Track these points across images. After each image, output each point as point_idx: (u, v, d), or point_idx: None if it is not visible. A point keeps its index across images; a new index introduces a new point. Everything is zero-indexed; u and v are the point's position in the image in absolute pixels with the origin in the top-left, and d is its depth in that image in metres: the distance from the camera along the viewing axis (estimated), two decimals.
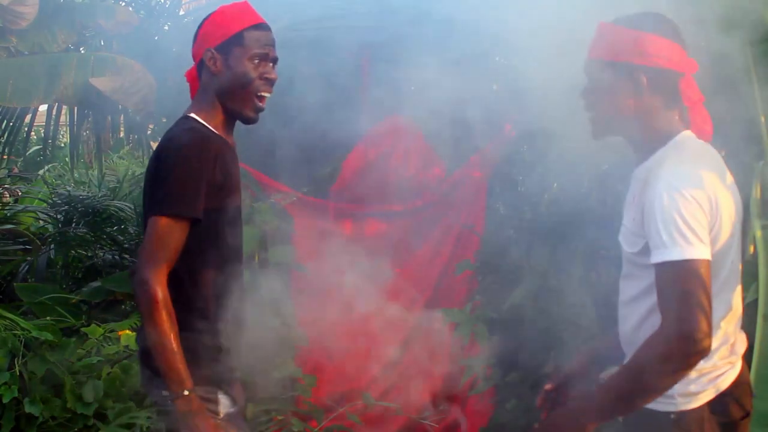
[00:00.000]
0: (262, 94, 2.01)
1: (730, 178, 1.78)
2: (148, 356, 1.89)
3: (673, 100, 1.77)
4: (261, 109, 2.03)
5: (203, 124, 1.99)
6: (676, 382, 1.59)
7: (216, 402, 1.96)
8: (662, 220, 1.61)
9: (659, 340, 1.57)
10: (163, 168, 1.89)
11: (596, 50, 1.81)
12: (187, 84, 2.13)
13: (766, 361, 1.80)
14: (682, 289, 1.56)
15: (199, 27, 2.07)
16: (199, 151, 1.89)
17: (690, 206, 1.60)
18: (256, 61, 1.99)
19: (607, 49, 1.78)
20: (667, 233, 1.59)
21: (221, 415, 1.96)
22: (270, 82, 2.02)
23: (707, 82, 2.72)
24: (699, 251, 1.58)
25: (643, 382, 1.59)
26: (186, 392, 1.82)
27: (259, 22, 2.02)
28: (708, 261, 1.59)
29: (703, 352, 1.54)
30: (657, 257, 1.62)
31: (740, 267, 1.82)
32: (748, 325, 1.97)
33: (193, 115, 2.01)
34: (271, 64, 2.02)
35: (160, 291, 1.82)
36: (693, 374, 1.65)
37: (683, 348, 1.53)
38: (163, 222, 1.85)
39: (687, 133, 1.78)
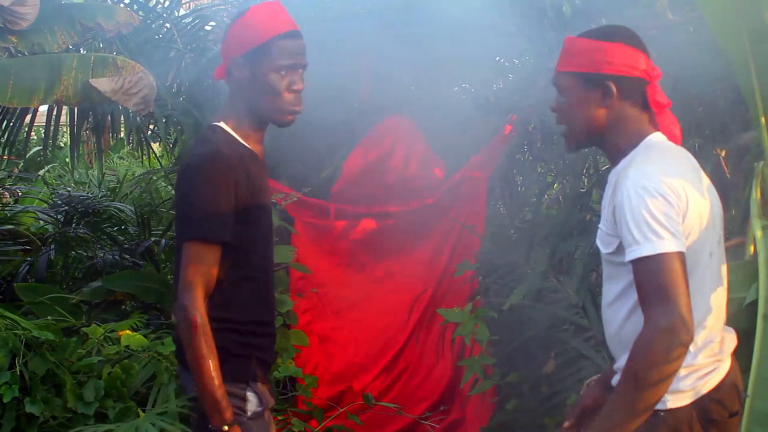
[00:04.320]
0: (291, 105, 1.96)
1: (706, 179, 1.83)
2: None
3: (642, 106, 1.84)
4: (297, 113, 1.99)
5: (231, 135, 1.96)
6: (672, 375, 1.62)
7: (244, 399, 1.97)
8: (632, 218, 1.66)
9: (644, 338, 1.62)
10: (191, 191, 1.89)
11: (565, 63, 1.88)
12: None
13: (766, 361, 1.81)
14: (658, 283, 1.61)
15: (229, 26, 1.99)
16: (225, 172, 1.88)
17: (657, 202, 1.65)
18: (283, 73, 1.93)
19: (576, 61, 1.85)
20: (638, 230, 1.65)
21: (248, 414, 1.97)
22: (298, 94, 1.96)
23: (708, 82, 2.73)
24: (671, 244, 1.63)
25: (640, 383, 1.62)
26: (226, 428, 1.84)
27: (289, 29, 1.94)
28: (681, 253, 1.64)
29: (687, 342, 1.59)
30: (631, 255, 1.67)
31: (725, 267, 1.85)
32: (748, 325, 1.97)
33: (221, 124, 1.97)
34: (300, 72, 1.96)
35: (199, 317, 1.83)
36: (682, 372, 1.68)
37: (667, 340, 1.58)
38: (195, 247, 1.87)
39: (657, 135, 1.84)
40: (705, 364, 1.75)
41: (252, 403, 1.98)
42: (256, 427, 1.98)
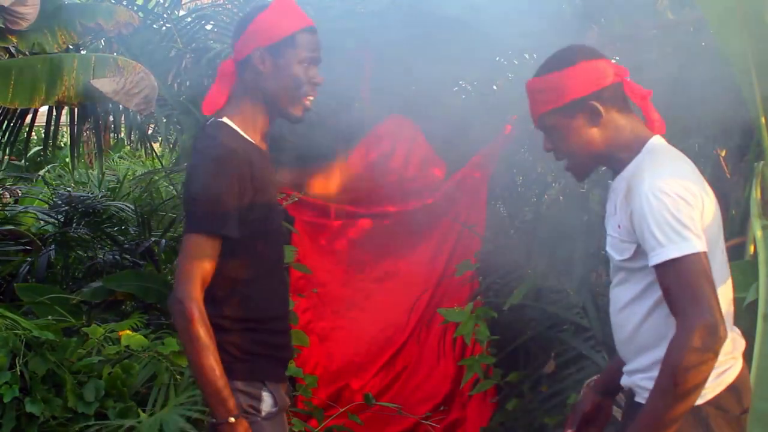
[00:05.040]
0: (309, 98, 2.01)
1: (704, 180, 1.83)
2: None
3: (626, 108, 1.84)
4: (308, 109, 2.03)
5: (236, 131, 1.96)
6: (709, 374, 1.63)
7: (259, 399, 1.96)
8: (654, 222, 1.66)
9: (681, 339, 1.62)
10: (194, 185, 1.89)
11: (541, 105, 1.86)
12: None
13: (766, 361, 1.81)
14: (689, 284, 1.62)
15: (247, 22, 2.00)
16: (229, 166, 1.88)
17: (677, 203, 1.66)
18: (305, 65, 1.97)
19: (551, 98, 1.84)
20: (661, 233, 1.65)
21: (263, 414, 1.96)
22: (316, 87, 2.01)
23: (708, 82, 2.73)
24: (695, 245, 1.64)
25: (680, 384, 1.62)
26: (232, 419, 1.82)
27: (310, 25, 2.00)
28: (705, 253, 1.65)
29: (722, 338, 1.61)
30: (656, 258, 1.66)
31: (727, 263, 1.86)
32: (748, 324, 1.98)
33: (226, 119, 1.97)
34: (316, 68, 2.02)
35: (196, 308, 1.82)
36: None
37: (704, 339, 1.59)
38: (195, 240, 1.86)
39: (657, 139, 1.84)
40: (722, 362, 1.75)
41: (267, 404, 1.96)
42: (271, 428, 1.97)
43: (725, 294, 1.80)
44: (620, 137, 1.83)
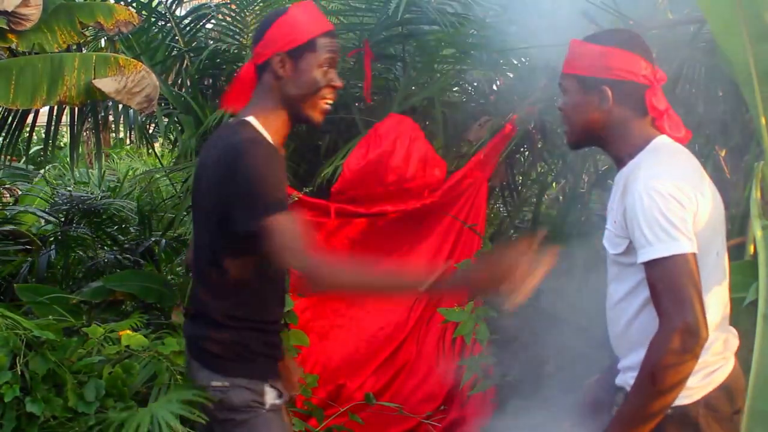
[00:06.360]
0: (328, 101, 2.01)
1: (708, 179, 1.85)
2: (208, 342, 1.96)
3: (641, 110, 1.86)
4: (327, 112, 2.03)
5: (260, 131, 1.96)
6: (688, 375, 1.65)
7: (262, 394, 1.99)
8: (645, 220, 1.68)
9: (661, 338, 1.64)
10: (251, 179, 1.85)
11: (568, 66, 1.91)
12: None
13: (766, 361, 1.82)
14: (673, 284, 1.63)
15: (267, 26, 2.00)
16: (274, 159, 1.89)
17: (669, 204, 1.67)
18: (325, 68, 1.98)
19: (577, 64, 1.89)
20: (651, 232, 1.67)
21: (267, 406, 1.99)
22: (335, 90, 2.02)
23: (708, 83, 2.73)
24: (684, 245, 1.65)
25: (657, 383, 1.64)
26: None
27: (330, 29, 2.01)
28: (694, 254, 1.66)
29: (703, 341, 1.62)
30: (644, 256, 1.69)
31: (727, 264, 1.87)
32: (748, 325, 1.98)
33: (250, 119, 1.97)
34: (335, 71, 2.02)
35: (325, 259, 1.78)
36: None
37: (684, 340, 1.60)
38: (281, 218, 1.81)
39: (663, 138, 1.86)
40: (712, 362, 1.77)
41: (270, 396, 2.00)
42: (276, 420, 2.01)
43: (719, 296, 1.81)
44: (626, 132, 1.85)
